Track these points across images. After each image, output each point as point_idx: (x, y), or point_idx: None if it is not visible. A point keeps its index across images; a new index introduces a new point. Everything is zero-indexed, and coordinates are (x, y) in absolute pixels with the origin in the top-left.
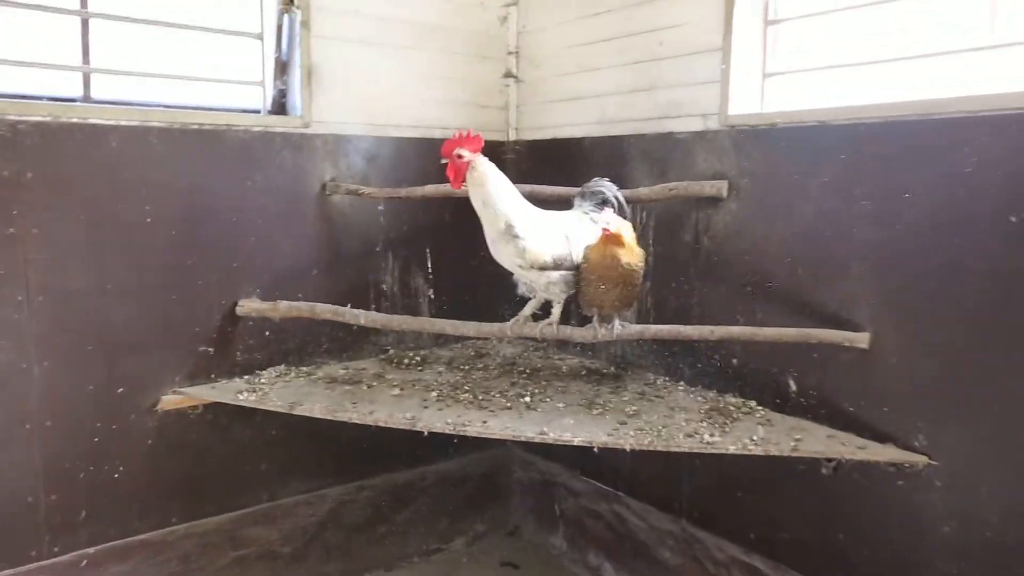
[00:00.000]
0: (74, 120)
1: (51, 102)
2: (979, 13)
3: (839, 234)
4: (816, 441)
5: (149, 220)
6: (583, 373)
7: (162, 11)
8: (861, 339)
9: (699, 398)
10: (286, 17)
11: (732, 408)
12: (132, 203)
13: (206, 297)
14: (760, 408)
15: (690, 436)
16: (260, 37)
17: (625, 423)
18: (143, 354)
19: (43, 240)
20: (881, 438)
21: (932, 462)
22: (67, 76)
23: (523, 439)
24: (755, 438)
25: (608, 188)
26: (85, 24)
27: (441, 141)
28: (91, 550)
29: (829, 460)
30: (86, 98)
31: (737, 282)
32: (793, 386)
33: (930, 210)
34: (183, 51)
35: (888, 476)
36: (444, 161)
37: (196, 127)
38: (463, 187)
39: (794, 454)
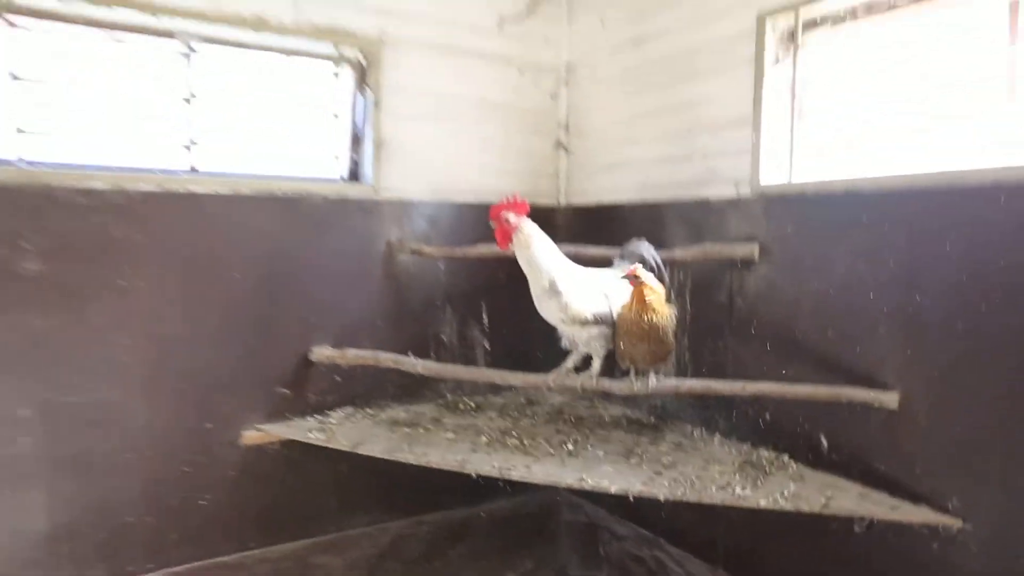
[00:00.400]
0: (177, 189)
1: (159, 174)
2: (997, 85)
3: (867, 296)
4: (848, 499)
5: (237, 276)
6: (624, 423)
7: (249, 92)
8: (890, 399)
9: (734, 451)
10: (359, 97)
11: (765, 462)
12: (223, 260)
13: (284, 344)
14: (793, 463)
15: (723, 488)
16: (335, 115)
17: (661, 473)
18: (229, 394)
19: (148, 292)
20: (914, 498)
21: (966, 525)
22: (172, 149)
23: (563, 485)
24: (786, 493)
25: (646, 249)
26: (187, 104)
27: (495, 206)
28: (179, 568)
29: (862, 518)
30: (191, 170)
31: (768, 340)
32: (825, 443)
33: (956, 273)
34: (268, 126)
35: (922, 537)
36: (493, 224)
37: (279, 194)
38: (510, 248)
39: (824, 511)
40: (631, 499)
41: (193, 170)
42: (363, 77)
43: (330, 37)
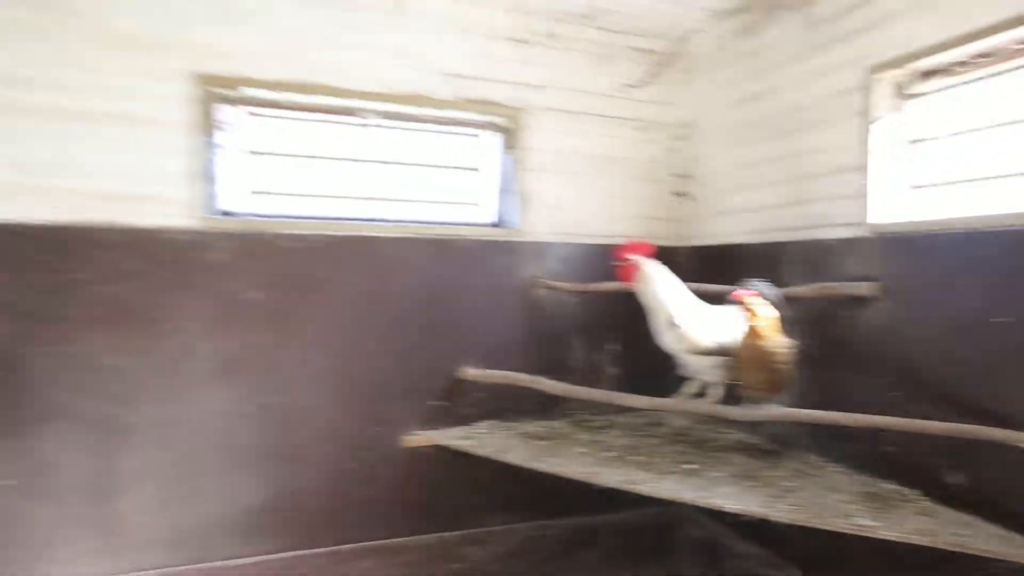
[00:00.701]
0: (359, 234)
1: (347, 222)
2: None
3: (988, 334)
4: (985, 539)
5: (402, 304)
6: (743, 448)
7: (410, 154)
8: None
9: (854, 481)
10: (504, 157)
11: (888, 494)
12: (392, 291)
13: (438, 363)
14: (919, 497)
15: (843, 517)
16: (479, 170)
17: (781, 497)
18: (394, 403)
19: (334, 317)
20: None
21: None
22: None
23: (684, 501)
24: (915, 527)
25: (763, 286)
26: (366, 164)
27: (619, 247)
28: (347, 546)
29: (999, 560)
30: (369, 219)
31: (888, 375)
32: (953, 479)
33: None
34: (426, 180)
35: None
36: (618, 263)
37: (436, 237)
38: (633, 284)
39: (959, 549)
40: (752, 519)
41: (362, 219)
42: (507, 139)
43: (478, 108)
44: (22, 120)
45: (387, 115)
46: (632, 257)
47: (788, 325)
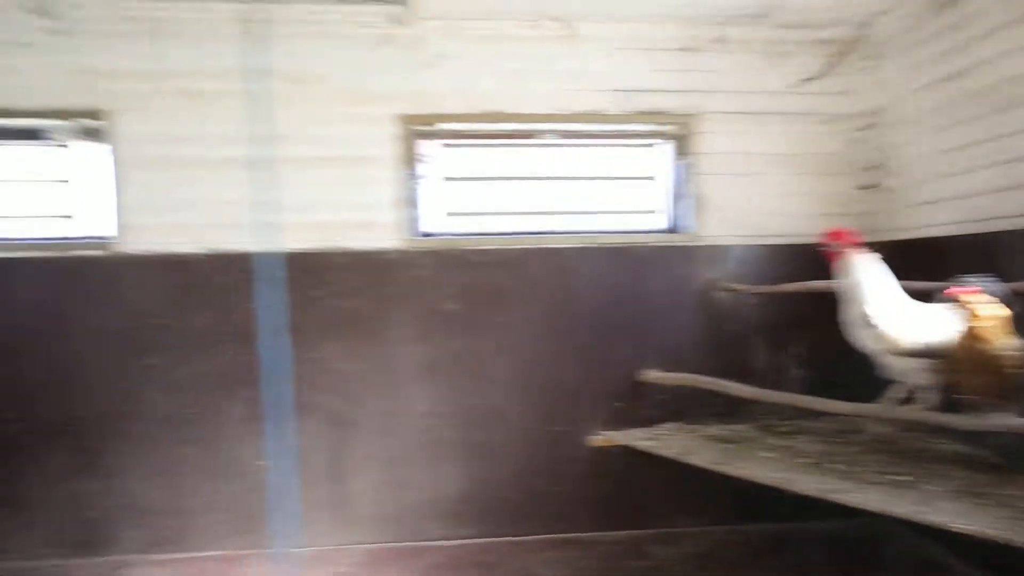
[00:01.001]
0: (541, 246)
1: (529, 236)
2: None
3: None
4: None
5: (582, 311)
6: (963, 460)
7: (584, 167)
8: None
9: None
10: (677, 163)
11: None
12: (572, 299)
13: (618, 366)
14: None
15: None
16: (652, 178)
17: (1020, 519)
18: (577, 404)
19: (521, 324)
20: None
21: None
22: (535, 216)
23: (898, 515)
24: None
25: (987, 283)
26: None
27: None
28: (531, 537)
29: None
30: (551, 232)
31: None
32: None
33: None
34: (599, 192)
35: None
36: (823, 250)
37: (612, 245)
38: (836, 275)
39: None
40: (970, 540)
41: (544, 232)
42: (679, 146)
43: (650, 119)
44: (270, 169)
45: (565, 134)
46: (834, 245)
47: (1017, 324)
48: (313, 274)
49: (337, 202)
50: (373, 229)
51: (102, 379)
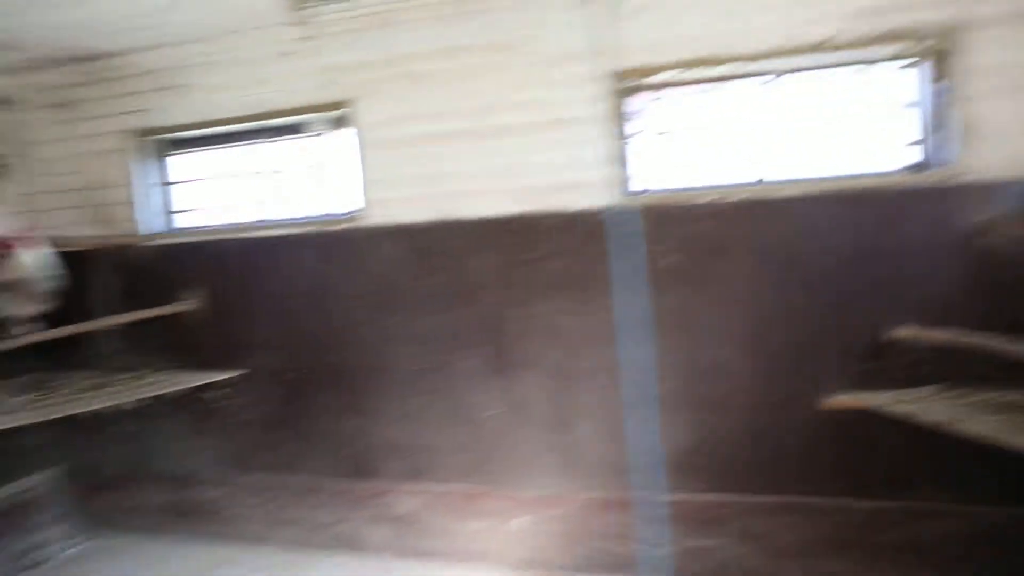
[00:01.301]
0: (758, 197)
1: (745, 186)
2: None
3: None
4: None
5: (819, 263)
6: None
7: (808, 106)
8: None
9: None
10: (935, 87)
11: None
12: (798, 252)
13: (860, 322)
14: None
15: None
16: (896, 108)
17: None
18: (811, 361)
19: (745, 277)
20: None
21: None
22: (750, 165)
23: None
24: None
25: None
26: (759, 128)
27: None
28: (761, 497)
29: None
30: (776, 181)
31: None
32: None
33: None
34: (826, 132)
35: None
36: None
37: (850, 189)
38: None
39: None
40: None
41: (766, 181)
42: (937, 67)
43: (901, 38)
44: (489, 138)
45: (793, 69)
46: None
47: None
48: (529, 237)
49: (546, 166)
50: (583, 189)
51: (357, 336)
